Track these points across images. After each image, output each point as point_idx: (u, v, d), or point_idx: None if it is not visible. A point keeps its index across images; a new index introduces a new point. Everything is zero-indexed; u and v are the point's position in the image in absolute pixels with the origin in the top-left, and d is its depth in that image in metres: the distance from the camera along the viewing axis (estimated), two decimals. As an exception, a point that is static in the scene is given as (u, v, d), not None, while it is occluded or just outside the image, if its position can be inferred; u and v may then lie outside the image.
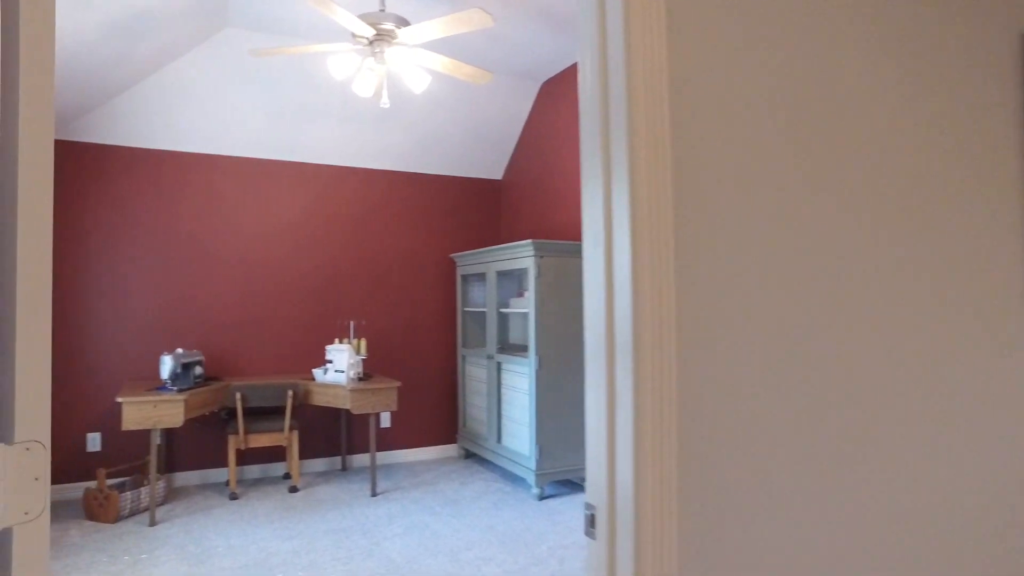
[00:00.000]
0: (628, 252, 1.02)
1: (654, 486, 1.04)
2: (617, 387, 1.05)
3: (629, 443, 1.04)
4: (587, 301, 1.11)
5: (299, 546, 3.68)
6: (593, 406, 1.11)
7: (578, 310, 4.70)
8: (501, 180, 6.22)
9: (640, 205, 1.03)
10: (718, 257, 1.10)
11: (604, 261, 1.06)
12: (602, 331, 1.07)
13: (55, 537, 3.84)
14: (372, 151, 5.50)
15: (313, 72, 4.69)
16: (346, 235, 5.52)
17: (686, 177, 1.08)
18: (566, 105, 5.18)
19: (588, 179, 1.13)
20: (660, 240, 1.03)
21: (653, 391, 1.02)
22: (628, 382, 1.03)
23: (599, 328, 1.08)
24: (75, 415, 4.62)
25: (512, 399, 4.87)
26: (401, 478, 5.13)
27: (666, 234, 1.04)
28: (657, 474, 1.04)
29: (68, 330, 4.62)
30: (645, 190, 1.03)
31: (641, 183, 1.03)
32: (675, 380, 1.04)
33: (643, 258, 1.02)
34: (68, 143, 4.63)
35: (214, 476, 4.99)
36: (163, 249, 4.90)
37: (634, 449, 1.03)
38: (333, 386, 4.69)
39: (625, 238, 1.03)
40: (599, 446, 1.10)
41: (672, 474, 1.05)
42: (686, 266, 1.06)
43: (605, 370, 1.06)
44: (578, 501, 4.50)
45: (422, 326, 5.80)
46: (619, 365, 1.04)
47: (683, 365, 1.06)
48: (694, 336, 1.07)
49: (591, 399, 1.11)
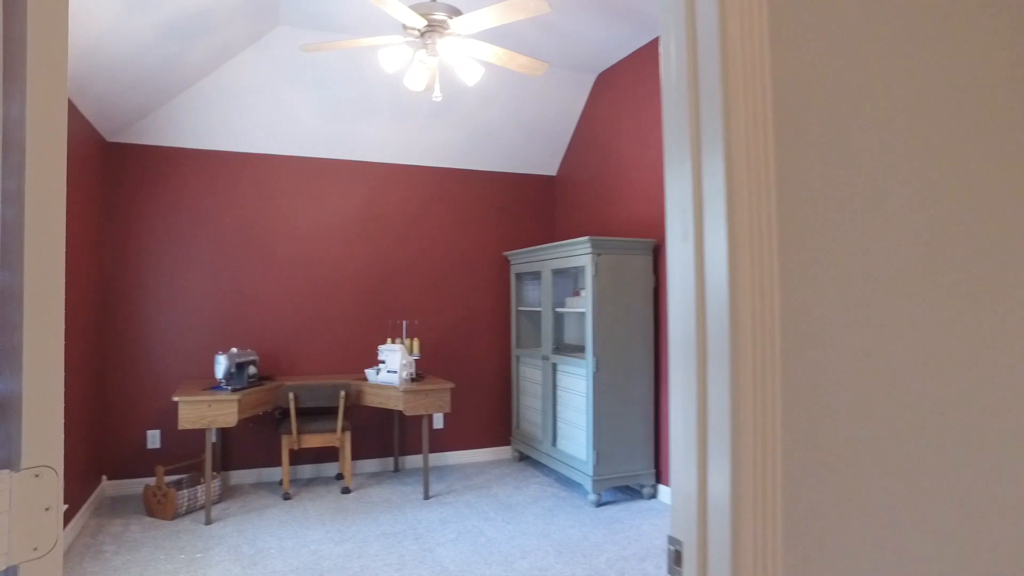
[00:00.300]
0: (724, 247, 0.86)
1: (756, 517, 0.88)
2: (710, 400, 0.90)
3: (726, 466, 0.88)
4: (673, 302, 0.96)
5: (350, 550, 3.62)
6: (680, 423, 0.95)
7: (637, 310, 4.51)
8: (556, 176, 6.06)
9: (738, 194, 0.87)
10: (828, 253, 0.93)
11: (694, 257, 0.91)
12: (691, 336, 0.91)
13: (117, 532, 3.89)
14: (424, 148, 5.43)
15: (365, 69, 4.64)
16: (399, 233, 5.46)
17: (791, 162, 0.91)
18: (623, 97, 4.99)
19: (673, 166, 0.97)
20: (762, 233, 0.87)
21: (755, 405, 0.86)
22: (724, 395, 0.87)
23: (687, 332, 0.92)
24: (136, 412, 4.69)
25: (568, 401, 4.71)
26: (454, 481, 5.03)
27: (769, 227, 0.87)
28: (759, 503, 0.88)
29: (129, 329, 4.69)
30: (744, 177, 0.87)
31: (739, 169, 0.87)
32: (779, 391, 0.88)
33: (742, 254, 0.86)
34: (128, 145, 4.70)
35: (268, 475, 5.00)
36: (219, 249, 4.93)
37: (732, 473, 0.87)
38: (385, 387, 4.62)
39: (720, 232, 0.87)
40: (687, 470, 0.95)
41: (776, 501, 0.88)
42: (792, 263, 0.90)
43: (695, 381, 0.91)
44: (637, 509, 4.31)
45: (475, 326, 5.70)
46: (713, 375, 0.89)
47: (787, 374, 0.89)
48: (800, 340, 0.90)
49: (678, 415, 0.96)
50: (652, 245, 4.56)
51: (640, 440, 4.51)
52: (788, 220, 0.90)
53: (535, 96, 5.27)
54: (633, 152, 4.86)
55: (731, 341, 0.85)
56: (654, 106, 4.61)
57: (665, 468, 4.49)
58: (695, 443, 0.92)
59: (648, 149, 4.68)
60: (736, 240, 0.85)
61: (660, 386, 4.55)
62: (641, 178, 4.76)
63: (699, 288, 0.90)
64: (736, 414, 0.86)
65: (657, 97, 4.58)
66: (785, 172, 0.90)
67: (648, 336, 4.55)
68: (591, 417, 4.38)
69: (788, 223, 0.90)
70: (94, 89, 3.77)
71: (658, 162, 4.56)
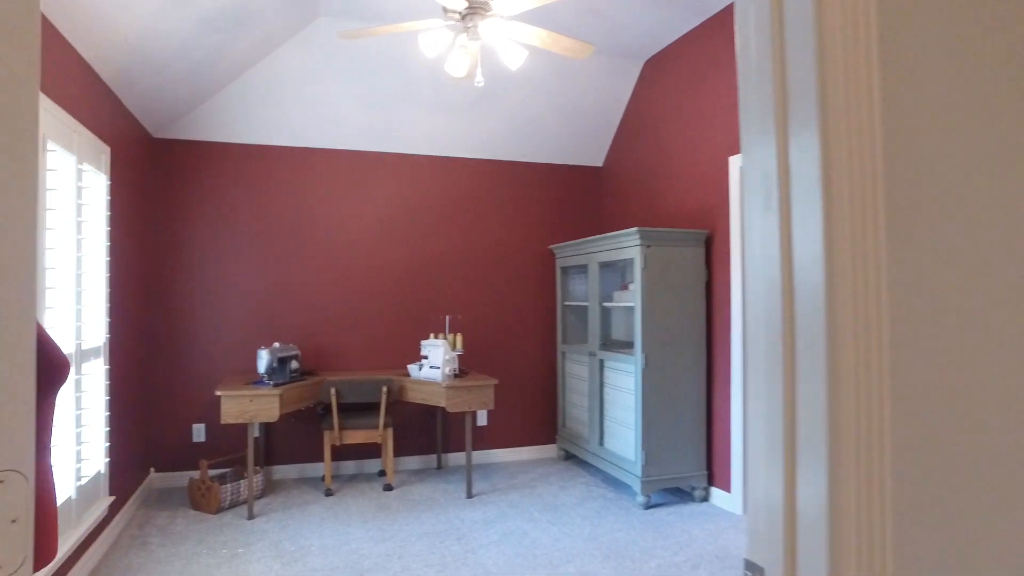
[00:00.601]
0: (819, 217, 0.70)
1: (860, 536, 0.72)
2: (800, 399, 0.74)
3: (821, 476, 0.72)
4: (751, 284, 0.80)
5: (391, 549, 3.53)
6: (760, 425, 0.80)
7: (689, 304, 4.31)
8: (602, 167, 5.88)
9: (836, 154, 0.71)
10: (946, 226, 0.76)
11: (779, 230, 0.75)
12: (775, 322, 0.76)
13: (163, 524, 3.90)
14: (467, 139, 5.32)
15: (406, 60, 4.55)
16: (441, 227, 5.37)
17: (899, 117, 0.74)
18: (673, 83, 4.78)
19: (752, 120, 0.82)
20: (866, 201, 0.71)
21: (859, 404, 0.70)
22: (819, 392, 0.71)
23: (769, 318, 0.77)
24: (182, 406, 4.72)
25: (616, 399, 4.54)
26: (498, 479, 4.92)
27: (874, 193, 0.71)
28: (864, 519, 0.72)
29: (176, 323, 4.72)
30: (843, 128, 0.71)
31: (836, 123, 0.71)
32: (887, 389, 0.72)
33: (842, 226, 0.70)
34: (174, 141, 4.73)
35: (311, 470, 4.97)
36: (262, 243, 4.93)
37: (828, 484, 0.72)
38: (428, 383, 4.53)
39: (814, 198, 0.71)
40: (769, 481, 0.79)
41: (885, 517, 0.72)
42: (902, 237, 0.73)
43: (780, 375, 0.75)
44: (688, 512, 4.12)
45: (520, 321, 5.57)
46: (804, 368, 0.73)
47: (897, 368, 0.73)
48: (912, 328, 0.74)
49: (757, 415, 0.80)
50: (704, 236, 4.34)
51: (691, 440, 4.31)
52: (898, 184, 0.73)
53: (580, 84, 5.11)
54: (684, 140, 4.65)
55: (827, 329, 0.69)
56: (707, 90, 4.39)
57: (718, 470, 4.28)
58: (780, 449, 0.77)
59: (700, 136, 4.46)
60: (835, 208, 0.70)
61: (713, 383, 4.34)
62: (692, 167, 4.55)
63: (785, 267, 0.74)
64: (834, 415, 0.70)
65: (711, 81, 4.36)
66: (892, 132, 0.74)
67: (700, 331, 4.34)
68: (640, 416, 4.20)
69: (898, 188, 0.73)
70: (139, 85, 3.77)
71: (711, 150, 4.34)
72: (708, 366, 4.37)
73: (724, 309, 4.24)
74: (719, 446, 4.27)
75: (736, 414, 4.09)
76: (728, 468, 4.18)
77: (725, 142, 4.21)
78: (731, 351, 4.15)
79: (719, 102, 4.27)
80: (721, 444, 4.25)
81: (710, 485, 4.34)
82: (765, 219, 0.77)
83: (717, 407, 4.30)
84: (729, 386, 4.18)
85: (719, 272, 4.29)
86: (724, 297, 4.24)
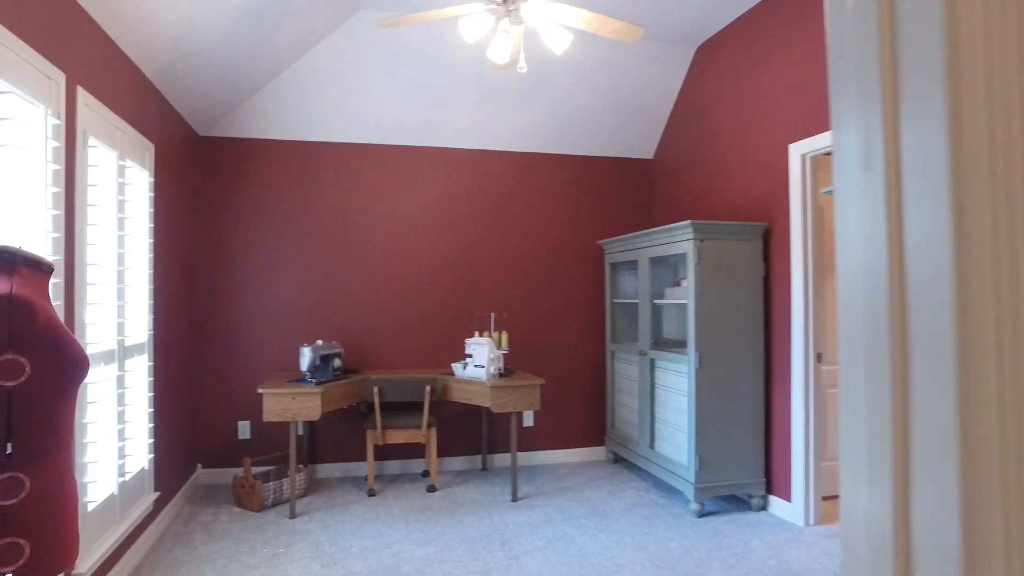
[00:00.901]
0: (946, 174, 0.53)
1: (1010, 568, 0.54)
2: (916, 399, 0.57)
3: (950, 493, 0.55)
4: (844, 260, 0.63)
5: (432, 553, 3.42)
6: (858, 429, 0.63)
7: (745, 301, 4.07)
8: (652, 160, 5.66)
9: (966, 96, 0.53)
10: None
11: (884, 193, 0.58)
12: (879, 306, 0.58)
13: (207, 521, 3.89)
14: (512, 132, 5.18)
15: (448, 52, 4.44)
16: (487, 222, 5.25)
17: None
18: (727, 69, 4.53)
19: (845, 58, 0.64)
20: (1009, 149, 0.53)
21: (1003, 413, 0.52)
22: (947, 395, 0.54)
23: (871, 301, 0.60)
24: (227, 402, 4.73)
25: (667, 401, 4.33)
26: (544, 482, 4.76)
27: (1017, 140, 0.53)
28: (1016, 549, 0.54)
29: (222, 320, 4.74)
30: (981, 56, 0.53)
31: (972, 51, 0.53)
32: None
33: (979, 193, 0.52)
34: (220, 139, 4.74)
35: (355, 469, 4.92)
36: (306, 240, 4.90)
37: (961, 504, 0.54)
38: (472, 382, 4.42)
39: (939, 151, 0.54)
40: (874, 498, 0.62)
41: None
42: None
43: (887, 370, 0.58)
44: (744, 522, 3.88)
45: (567, 319, 5.40)
46: (921, 367, 0.56)
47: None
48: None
49: (853, 418, 0.63)
50: (762, 229, 4.09)
51: (749, 445, 4.06)
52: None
53: (629, 73, 4.90)
54: (739, 129, 4.40)
55: (958, 322, 0.52)
56: (764, 75, 4.14)
57: (777, 478, 4.02)
58: (888, 460, 0.59)
59: (757, 124, 4.20)
60: (966, 163, 0.52)
61: (771, 385, 4.08)
62: (749, 157, 4.29)
63: (893, 239, 0.57)
64: (968, 422, 0.53)
65: (768, 65, 4.10)
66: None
67: (757, 329, 4.09)
68: (693, 418, 3.98)
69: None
70: (183, 81, 3.77)
71: (769, 138, 4.09)
72: (766, 366, 4.12)
73: (784, 306, 3.98)
74: (778, 452, 4.02)
75: (797, 418, 3.83)
76: (788, 476, 3.92)
77: (784, 129, 3.95)
78: (791, 350, 3.89)
79: (777, 87, 4.01)
80: (781, 450, 3.99)
81: (768, 493, 4.09)
82: (865, 183, 0.60)
83: (776, 410, 4.05)
84: (789, 387, 3.92)
85: (778, 267, 4.03)
86: (784, 293, 3.98)
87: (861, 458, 0.60)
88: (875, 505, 0.61)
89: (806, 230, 3.81)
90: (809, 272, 3.80)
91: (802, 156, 3.81)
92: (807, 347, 3.80)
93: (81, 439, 2.64)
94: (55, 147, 2.40)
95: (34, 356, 1.50)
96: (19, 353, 1.48)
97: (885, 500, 0.59)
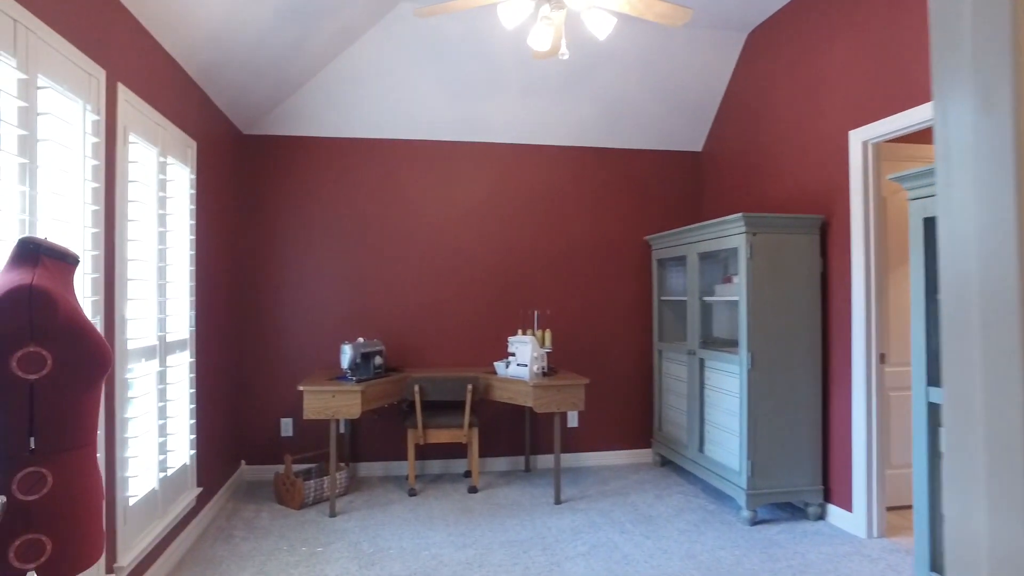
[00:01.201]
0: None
1: None
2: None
3: None
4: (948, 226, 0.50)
5: (472, 557, 3.33)
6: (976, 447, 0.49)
7: (801, 298, 3.85)
8: (701, 152, 5.45)
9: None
10: None
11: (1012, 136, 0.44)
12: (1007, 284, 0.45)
13: (249, 517, 3.89)
14: (556, 126, 5.05)
15: (489, 44, 4.34)
16: (529, 218, 5.14)
17: None
18: (780, 55, 4.30)
19: None
20: None
21: None
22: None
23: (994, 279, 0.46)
24: (270, 400, 4.74)
25: (717, 402, 4.14)
26: (588, 485, 4.63)
27: None
28: None
29: (265, 317, 4.75)
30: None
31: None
32: None
33: None
34: (262, 137, 4.76)
35: (397, 468, 4.88)
36: (348, 237, 4.88)
37: None
38: (515, 381, 4.31)
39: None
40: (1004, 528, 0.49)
41: None
42: None
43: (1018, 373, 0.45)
44: (800, 531, 3.67)
45: (613, 316, 5.25)
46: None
47: None
48: None
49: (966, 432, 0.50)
50: (819, 222, 3.86)
51: (805, 450, 3.84)
52: None
53: (677, 62, 4.72)
54: (794, 118, 4.17)
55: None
56: (821, 61, 3.90)
57: (836, 485, 3.79)
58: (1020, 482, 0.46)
59: (814, 113, 3.98)
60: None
61: (829, 387, 3.85)
62: (805, 147, 4.07)
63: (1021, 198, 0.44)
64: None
65: (824, 49, 3.87)
66: None
67: (815, 328, 3.86)
68: (745, 421, 3.79)
69: None
70: (224, 79, 3.77)
71: (827, 126, 3.86)
72: (824, 367, 3.89)
73: (843, 303, 3.74)
74: (838, 458, 3.79)
75: (859, 422, 3.60)
76: (849, 483, 3.69)
77: (844, 116, 3.72)
78: (852, 350, 3.66)
79: (836, 71, 3.78)
80: (840, 455, 3.76)
81: (827, 502, 3.86)
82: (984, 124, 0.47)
83: (835, 414, 3.82)
84: (849, 389, 3.69)
85: (837, 261, 3.80)
86: (843, 289, 3.74)
87: (978, 478, 0.47)
88: (1003, 533, 0.48)
89: (868, 222, 3.58)
90: (872, 266, 3.57)
91: (863, 143, 3.58)
92: (868, 346, 3.56)
93: (122, 434, 2.65)
94: (94, 142, 2.40)
95: (56, 348, 1.47)
96: (41, 345, 1.45)
97: (1018, 530, 0.46)
